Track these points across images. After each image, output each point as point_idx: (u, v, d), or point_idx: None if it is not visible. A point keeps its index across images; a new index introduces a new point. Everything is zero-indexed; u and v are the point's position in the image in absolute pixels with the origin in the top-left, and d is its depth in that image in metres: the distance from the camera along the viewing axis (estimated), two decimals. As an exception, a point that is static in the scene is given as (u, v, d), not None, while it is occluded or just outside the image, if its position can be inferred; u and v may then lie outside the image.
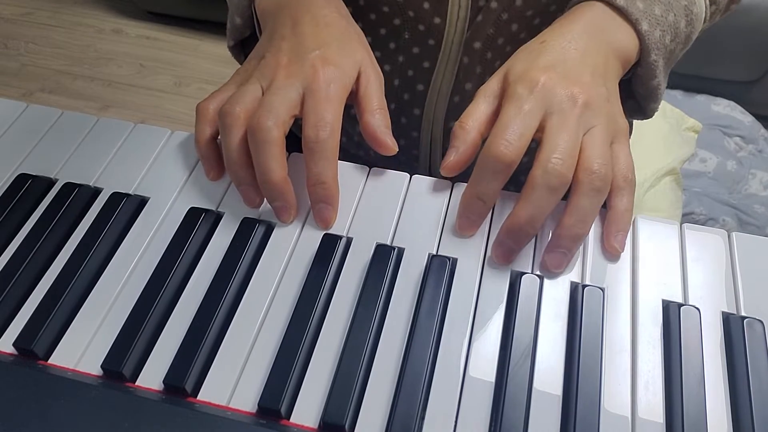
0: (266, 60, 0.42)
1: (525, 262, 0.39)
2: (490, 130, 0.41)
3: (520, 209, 0.37)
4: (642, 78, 0.46)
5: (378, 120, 0.42)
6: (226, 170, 0.43)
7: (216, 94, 0.44)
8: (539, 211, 0.37)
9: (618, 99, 0.42)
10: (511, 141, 0.37)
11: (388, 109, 0.43)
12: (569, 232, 0.37)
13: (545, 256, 0.38)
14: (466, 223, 0.40)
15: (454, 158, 0.40)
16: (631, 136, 0.70)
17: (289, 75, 0.40)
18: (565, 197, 0.38)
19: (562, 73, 0.39)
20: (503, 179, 0.38)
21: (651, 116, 0.50)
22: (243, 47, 0.54)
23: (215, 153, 0.44)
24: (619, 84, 0.44)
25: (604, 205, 0.41)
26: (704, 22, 0.48)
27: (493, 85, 0.41)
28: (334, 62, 0.41)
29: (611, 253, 0.39)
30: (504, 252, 0.38)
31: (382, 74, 0.44)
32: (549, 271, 0.38)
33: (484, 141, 0.41)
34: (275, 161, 0.39)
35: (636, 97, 0.49)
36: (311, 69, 0.40)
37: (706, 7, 0.47)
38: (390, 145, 0.42)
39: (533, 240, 0.40)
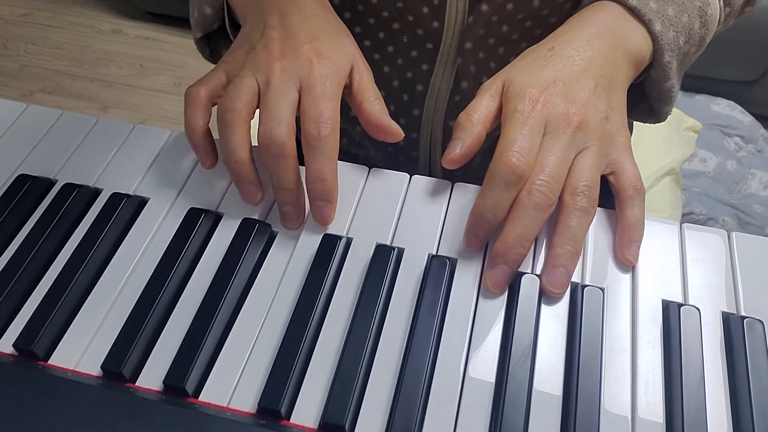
0: (257, 51, 0.41)
1: (525, 262, 0.39)
2: (493, 127, 0.41)
3: (508, 229, 0.37)
4: (655, 80, 0.45)
5: (378, 108, 0.42)
6: (226, 167, 0.42)
7: (205, 80, 0.43)
8: (528, 229, 0.37)
9: (623, 110, 0.42)
10: (522, 153, 0.37)
11: (388, 110, 0.43)
12: (562, 249, 0.37)
13: (543, 278, 0.37)
14: (473, 240, 0.39)
15: (459, 151, 0.39)
16: (632, 137, 0.70)
17: (285, 69, 0.40)
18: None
19: (562, 90, 0.39)
20: (514, 192, 0.37)
21: (664, 119, 0.50)
22: (208, 41, 0.54)
23: (209, 141, 0.43)
24: (631, 87, 0.44)
25: (610, 207, 0.41)
26: (718, 24, 0.47)
27: (496, 84, 0.41)
28: (328, 56, 0.40)
29: (625, 264, 0.39)
30: (499, 276, 0.37)
31: (370, 68, 0.44)
32: (550, 291, 0.37)
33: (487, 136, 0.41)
34: (293, 173, 0.39)
35: (649, 99, 0.49)
36: (307, 63, 0.40)
37: (720, 9, 0.47)
38: (395, 129, 0.42)
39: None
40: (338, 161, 0.44)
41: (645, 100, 0.49)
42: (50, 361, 0.36)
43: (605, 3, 0.43)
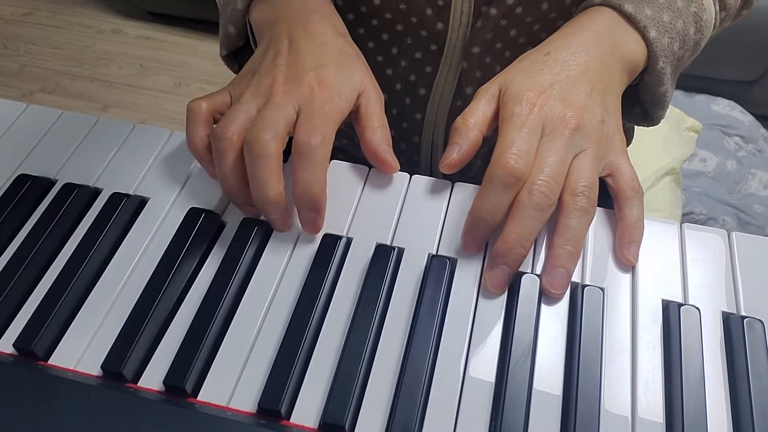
0: (261, 76, 0.42)
1: (525, 262, 0.39)
2: (490, 131, 0.41)
3: (509, 229, 0.37)
4: (649, 85, 0.45)
5: (379, 137, 0.42)
6: (223, 192, 0.42)
7: (209, 96, 0.43)
8: (528, 229, 0.37)
9: (618, 114, 0.42)
10: (520, 155, 0.37)
11: (390, 113, 0.43)
12: (562, 250, 0.37)
13: (543, 278, 0.37)
14: (471, 241, 0.39)
15: (456, 156, 0.39)
16: (632, 139, 0.70)
17: (286, 93, 0.40)
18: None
19: (559, 94, 0.39)
20: (512, 194, 0.37)
21: (658, 123, 0.50)
22: (236, 57, 0.54)
23: (212, 154, 0.42)
24: (626, 91, 0.44)
25: (609, 206, 0.41)
26: (714, 28, 0.47)
27: (492, 88, 0.41)
28: (330, 85, 0.40)
29: (625, 264, 0.39)
30: (499, 277, 0.37)
31: (382, 94, 0.44)
32: (550, 292, 0.37)
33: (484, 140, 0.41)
34: (272, 175, 0.38)
35: (643, 104, 0.49)
36: (308, 89, 0.40)
37: (716, 13, 0.47)
38: (392, 162, 0.42)
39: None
40: (339, 161, 0.44)
41: (639, 103, 0.49)
42: (50, 361, 0.36)
43: (601, 9, 0.43)
